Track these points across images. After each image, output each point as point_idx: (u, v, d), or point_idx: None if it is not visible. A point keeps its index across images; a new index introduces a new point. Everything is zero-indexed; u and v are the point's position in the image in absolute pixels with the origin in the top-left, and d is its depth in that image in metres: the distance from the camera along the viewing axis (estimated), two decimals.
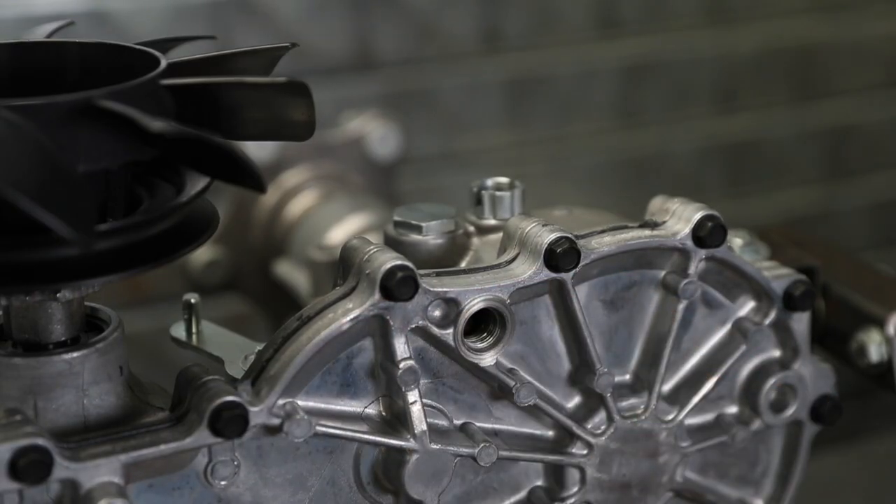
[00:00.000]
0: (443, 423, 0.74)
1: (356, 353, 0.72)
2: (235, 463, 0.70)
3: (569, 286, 0.74)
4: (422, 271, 0.71)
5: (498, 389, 0.74)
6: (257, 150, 1.18)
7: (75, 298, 0.69)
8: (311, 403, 0.71)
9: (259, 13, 1.28)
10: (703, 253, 0.77)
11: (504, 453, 0.74)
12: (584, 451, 0.77)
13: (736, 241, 0.84)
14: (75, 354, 0.68)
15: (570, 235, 0.73)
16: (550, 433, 0.77)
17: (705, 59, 1.52)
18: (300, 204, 1.21)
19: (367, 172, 1.25)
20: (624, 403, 0.77)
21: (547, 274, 0.73)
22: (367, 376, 0.72)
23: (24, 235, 0.62)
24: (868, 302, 0.88)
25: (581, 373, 0.76)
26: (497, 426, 0.76)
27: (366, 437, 0.72)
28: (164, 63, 0.67)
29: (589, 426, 0.76)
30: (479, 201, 0.82)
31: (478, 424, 0.75)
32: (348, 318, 0.70)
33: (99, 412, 0.69)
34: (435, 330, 0.72)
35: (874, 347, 0.87)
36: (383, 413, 0.73)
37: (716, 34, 1.52)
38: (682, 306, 0.77)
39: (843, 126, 1.61)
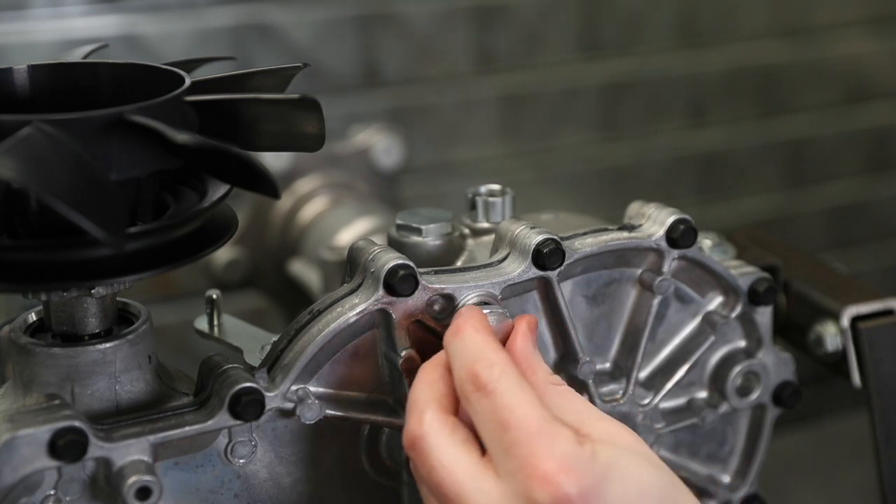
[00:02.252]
0: None
1: (362, 344, 0.72)
2: (253, 443, 0.70)
3: (554, 283, 0.74)
4: (421, 269, 0.71)
5: None
6: (273, 160, 1.18)
7: (108, 294, 0.68)
8: (321, 389, 0.71)
9: (275, 36, 1.27)
10: (675, 253, 0.77)
11: None
12: None
13: (705, 242, 0.83)
14: (108, 345, 0.68)
15: (555, 237, 0.73)
16: None
17: (678, 78, 1.51)
18: (312, 209, 1.20)
19: (373, 180, 1.25)
20: (604, 389, 0.77)
21: (535, 272, 0.73)
22: (372, 364, 0.72)
23: (62, 237, 0.62)
24: (824, 297, 0.88)
25: (565, 361, 0.76)
26: None
27: (370, 418, 0.72)
28: (188, 81, 0.67)
29: None
30: (473, 206, 0.82)
31: None
32: (355, 312, 0.70)
33: (130, 397, 0.69)
34: (433, 323, 0.71)
35: (830, 338, 0.87)
36: (386, 398, 0.73)
37: (687, 56, 1.51)
38: (656, 301, 0.77)
39: (802, 139, 1.61)
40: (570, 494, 0.60)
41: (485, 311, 0.70)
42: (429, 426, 0.65)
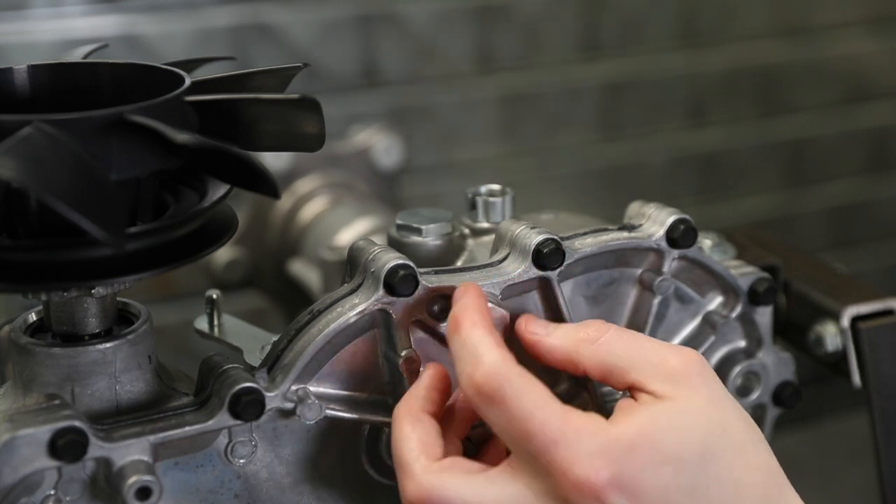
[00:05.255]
0: None
1: (362, 344, 0.72)
2: (253, 443, 0.70)
3: (554, 283, 0.74)
4: (421, 269, 0.71)
5: None
6: (273, 160, 1.18)
7: (108, 294, 0.68)
8: (321, 389, 0.71)
9: (275, 36, 1.28)
10: (675, 253, 0.77)
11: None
12: None
13: (705, 242, 0.83)
14: (108, 345, 0.68)
15: (555, 237, 0.73)
16: None
17: (678, 78, 1.51)
18: (312, 209, 1.20)
19: (373, 180, 1.25)
20: (605, 388, 0.77)
21: (535, 272, 0.73)
22: (372, 364, 0.72)
23: (62, 237, 0.62)
24: (824, 297, 0.88)
25: None
26: None
27: (371, 419, 0.72)
28: (188, 81, 0.67)
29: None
30: (473, 206, 0.82)
31: None
32: (355, 312, 0.70)
33: (130, 397, 0.69)
34: (433, 322, 0.71)
35: (830, 338, 0.87)
36: (387, 398, 0.73)
37: (687, 56, 1.51)
38: (656, 301, 0.77)
39: (802, 139, 1.61)
40: (604, 486, 0.61)
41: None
42: (428, 482, 0.64)
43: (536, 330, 0.70)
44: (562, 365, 0.69)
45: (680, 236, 0.76)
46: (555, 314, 0.74)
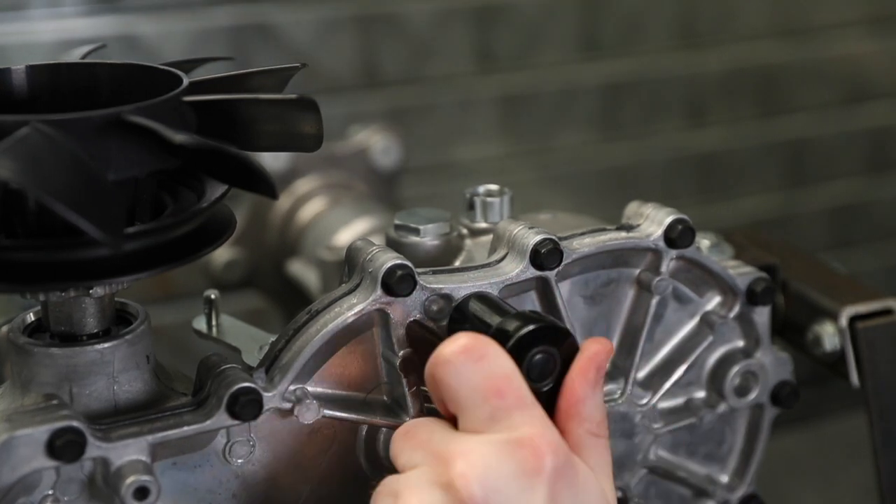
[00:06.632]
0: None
1: (360, 344, 0.72)
2: (251, 443, 0.70)
3: (552, 283, 0.74)
4: (419, 270, 0.71)
5: None
6: (272, 161, 1.18)
7: (107, 294, 0.69)
8: (319, 389, 0.71)
9: (274, 36, 1.28)
10: (673, 253, 0.77)
11: None
12: None
13: (704, 242, 0.84)
14: (107, 345, 0.68)
15: (553, 237, 0.73)
16: None
17: (677, 78, 1.52)
18: (311, 209, 1.21)
19: (371, 181, 1.25)
20: (603, 389, 0.77)
21: (533, 272, 0.73)
22: (371, 365, 0.72)
23: (60, 237, 0.62)
24: (823, 297, 0.88)
25: None
26: None
27: (368, 419, 0.72)
28: (186, 81, 0.67)
29: None
30: (471, 206, 0.82)
31: None
32: (353, 312, 0.70)
33: (128, 397, 0.69)
34: (432, 323, 0.72)
35: (828, 338, 0.87)
36: (384, 398, 0.73)
37: (687, 56, 1.52)
38: (654, 301, 0.77)
39: (802, 139, 1.61)
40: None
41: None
42: None
43: (583, 391, 0.68)
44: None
45: (678, 236, 0.76)
46: (553, 314, 0.75)
